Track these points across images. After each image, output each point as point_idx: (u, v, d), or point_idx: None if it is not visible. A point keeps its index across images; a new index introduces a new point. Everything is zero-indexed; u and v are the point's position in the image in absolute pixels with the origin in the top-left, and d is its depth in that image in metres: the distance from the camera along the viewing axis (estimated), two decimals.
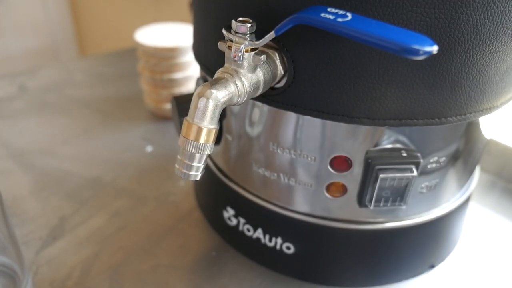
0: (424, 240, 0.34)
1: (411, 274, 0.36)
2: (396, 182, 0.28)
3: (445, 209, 0.34)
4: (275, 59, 0.26)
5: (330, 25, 0.20)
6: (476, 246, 0.40)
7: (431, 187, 0.31)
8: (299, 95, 0.26)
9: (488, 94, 0.26)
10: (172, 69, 0.55)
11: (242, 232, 0.36)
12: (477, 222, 0.43)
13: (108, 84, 0.69)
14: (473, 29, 0.23)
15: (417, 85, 0.25)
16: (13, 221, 0.41)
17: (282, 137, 0.30)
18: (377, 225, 0.32)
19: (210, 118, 0.23)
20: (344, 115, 0.26)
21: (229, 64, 0.24)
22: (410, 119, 0.26)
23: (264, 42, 0.23)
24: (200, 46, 0.33)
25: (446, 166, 0.31)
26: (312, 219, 0.32)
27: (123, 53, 0.80)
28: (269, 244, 0.35)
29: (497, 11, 0.23)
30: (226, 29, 0.24)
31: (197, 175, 0.24)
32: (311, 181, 0.30)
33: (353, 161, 0.29)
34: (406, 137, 0.28)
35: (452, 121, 0.27)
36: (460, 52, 0.24)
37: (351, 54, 0.24)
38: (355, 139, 0.28)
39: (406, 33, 0.19)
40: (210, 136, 0.23)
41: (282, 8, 0.24)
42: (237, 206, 0.36)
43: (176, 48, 0.53)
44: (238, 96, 0.24)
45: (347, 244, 0.33)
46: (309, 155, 0.29)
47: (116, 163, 0.50)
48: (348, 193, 0.30)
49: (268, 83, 0.26)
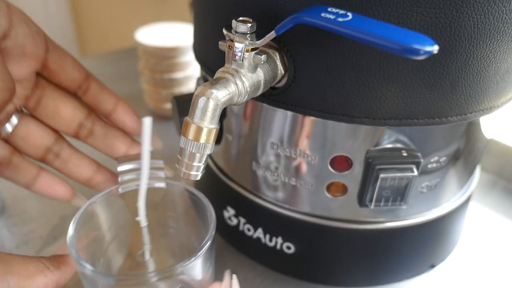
0: (424, 240, 0.34)
1: (412, 274, 0.36)
2: (396, 182, 0.28)
3: (446, 208, 0.34)
4: (275, 59, 0.25)
5: (331, 24, 0.20)
6: (477, 246, 0.40)
7: (432, 187, 0.31)
8: (300, 94, 0.26)
9: (488, 93, 0.26)
10: (172, 69, 0.55)
11: (242, 231, 0.36)
12: (477, 222, 0.43)
13: (108, 83, 0.68)
14: (473, 28, 0.23)
15: (418, 85, 0.25)
16: (13, 220, 0.41)
17: (282, 136, 0.30)
18: (378, 224, 0.32)
19: (211, 118, 0.23)
20: (345, 115, 0.26)
21: (229, 64, 0.24)
22: (410, 119, 0.26)
23: (264, 41, 0.23)
24: (200, 46, 0.33)
25: (447, 166, 0.31)
26: (312, 218, 0.32)
27: (124, 53, 0.80)
28: (270, 243, 0.35)
29: (498, 10, 0.23)
30: (226, 28, 0.24)
31: (198, 175, 0.24)
32: (312, 181, 0.30)
33: (353, 160, 0.29)
34: (407, 137, 0.28)
35: (452, 121, 0.27)
36: (460, 52, 0.24)
37: (351, 54, 0.24)
38: (356, 139, 0.28)
39: (406, 32, 0.19)
40: (210, 136, 0.23)
41: (283, 7, 0.24)
42: (238, 205, 0.36)
43: (176, 47, 0.53)
44: (239, 96, 0.24)
45: (347, 244, 0.33)
46: (310, 154, 0.29)
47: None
48: (349, 193, 0.30)
49: (269, 82, 0.26)
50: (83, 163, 0.31)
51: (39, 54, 0.27)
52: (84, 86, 0.30)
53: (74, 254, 0.24)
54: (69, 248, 0.24)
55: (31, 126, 0.29)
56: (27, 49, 0.26)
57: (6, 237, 0.40)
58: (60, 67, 0.28)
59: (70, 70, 0.29)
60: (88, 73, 0.31)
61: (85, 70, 0.30)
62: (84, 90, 0.30)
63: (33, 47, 0.26)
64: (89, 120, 0.30)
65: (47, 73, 0.28)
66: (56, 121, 0.29)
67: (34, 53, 0.26)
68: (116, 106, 0.32)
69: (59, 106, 0.29)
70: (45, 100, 0.28)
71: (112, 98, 0.31)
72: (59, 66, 0.28)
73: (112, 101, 0.32)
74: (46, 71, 0.28)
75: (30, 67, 0.26)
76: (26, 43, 0.26)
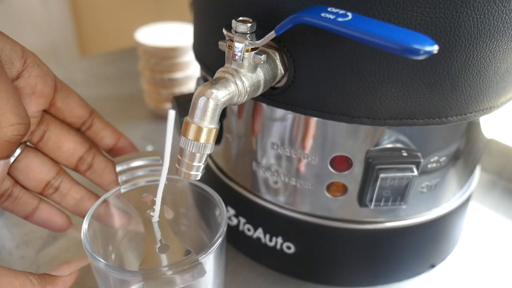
0: (424, 240, 0.34)
1: (412, 273, 0.36)
2: (396, 182, 0.28)
3: (446, 208, 0.34)
4: (275, 59, 0.25)
5: (331, 24, 0.20)
6: (477, 245, 0.40)
7: (432, 187, 0.31)
8: (300, 94, 0.26)
9: (488, 93, 0.26)
10: (172, 69, 0.55)
11: (242, 231, 0.36)
12: (477, 222, 0.43)
13: (108, 83, 0.69)
14: (473, 28, 0.23)
15: (418, 85, 0.25)
16: (13, 220, 0.41)
17: (282, 136, 0.30)
18: (378, 224, 0.32)
19: (211, 118, 0.23)
20: (345, 115, 0.26)
21: (229, 64, 0.24)
22: (410, 119, 0.26)
23: (264, 41, 0.23)
24: (200, 46, 0.33)
25: (447, 166, 0.31)
26: (312, 218, 0.32)
27: (124, 53, 0.80)
28: (270, 243, 0.35)
29: (498, 10, 0.23)
30: (226, 28, 0.24)
31: (198, 175, 0.24)
32: (312, 181, 0.30)
33: (353, 160, 0.29)
34: (407, 137, 0.28)
35: (452, 120, 0.27)
36: (460, 52, 0.24)
37: (351, 54, 0.24)
38: (356, 139, 0.28)
39: (406, 32, 0.19)
40: (210, 136, 0.23)
41: (283, 7, 0.24)
42: (238, 205, 0.36)
43: (176, 47, 0.53)
44: (239, 96, 0.24)
45: (347, 243, 0.33)
46: (310, 154, 0.29)
47: None
48: (349, 193, 0.30)
49: (269, 82, 0.26)
50: (82, 196, 0.31)
51: (48, 93, 0.28)
52: (88, 123, 0.31)
53: (89, 249, 0.25)
54: (83, 243, 0.25)
55: (33, 160, 0.29)
56: (38, 88, 0.27)
57: (6, 237, 0.40)
58: (66, 105, 0.30)
59: (76, 108, 0.30)
60: (92, 110, 0.32)
61: (89, 107, 0.31)
62: (88, 126, 0.32)
63: (43, 87, 0.28)
64: (90, 154, 0.31)
65: (54, 111, 0.30)
66: (57, 154, 0.30)
67: (44, 92, 0.28)
68: (117, 142, 0.33)
69: (61, 140, 0.30)
70: (48, 134, 0.29)
71: (114, 134, 0.33)
72: (66, 104, 0.30)
73: (114, 136, 0.32)
74: (53, 108, 0.29)
75: (39, 105, 0.28)
76: (37, 83, 0.27)
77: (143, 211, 0.28)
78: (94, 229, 0.28)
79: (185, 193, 0.31)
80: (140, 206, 0.29)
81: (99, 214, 0.28)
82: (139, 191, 0.30)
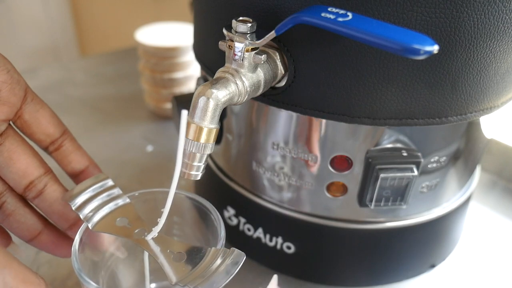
0: (424, 240, 0.34)
1: (412, 273, 0.36)
2: (396, 182, 0.28)
3: (446, 208, 0.34)
4: (275, 59, 0.25)
5: (331, 24, 0.20)
6: (477, 245, 0.40)
7: (432, 187, 0.31)
8: (300, 94, 0.26)
9: (488, 93, 0.26)
10: (172, 69, 0.55)
11: (242, 231, 0.36)
12: (477, 222, 0.43)
13: (108, 83, 0.69)
14: (473, 28, 0.23)
15: (418, 85, 0.25)
16: None
17: (282, 136, 0.30)
18: (378, 224, 0.32)
19: (211, 118, 0.23)
20: (345, 115, 0.26)
21: (229, 64, 0.24)
22: (410, 119, 0.26)
23: (264, 41, 0.23)
24: (200, 46, 0.33)
25: (447, 166, 0.31)
26: (312, 218, 0.32)
27: (124, 53, 0.80)
28: (270, 243, 0.35)
29: (498, 10, 0.23)
30: (226, 28, 0.24)
31: (198, 175, 0.24)
32: (312, 181, 0.30)
33: (353, 160, 0.29)
34: (407, 137, 0.28)
35: (452, 120, 0.27)
36: (460, 52, 0.24)
37: (351, 54, 0.24)
38: (356, 139, 0.28)
39: (406, 32, 0.19)
40: (210, 136, 0.23)
41: (283, 7, 0.24)
42: (238, 205, 0.36)
43: (176, 47, 0.53)
44: (239, 96, 0.24)
45: (347, 243, 0.33)
46: (310, 154, 0.29)
47: (117, 163, 0.50)
48: (349, 193, 0.30)
49: (269, 82, 0.26)
50: (27, 220, 0.28)
51: (14, 102, 0.26)
52: (58, 143, 0.29)
53: (77, 267, 0.24)
54: (73, 263, 0.24)
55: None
56: (2, 95, 0.26)
57: None
58: (35, 120, 0.28)
59: (45, 124, 0.28)
60: (66, 130, 0.29)
61: (62, 126, 0.29)
62: (57, 147, 0.29)
63: (8, 94, 0.26)
64: (42, 181, 0.28)
65: (20, 123, 0.28)
66: (4, 173, 0.27)
67: (9, 101, 0.26)
68: (86, 169, 0.30)
69: (12, 159, 0.27)
70: (0, 148, 0.27)
71: (83, 159, 0.30)
72: (35, 118, 0.28)
73: (83, 162, 0.30)
74: (20, 121, 0.27)
75: (2, 113, 0.26)
76: (2, 89, 0.25)
77: (128, 235, 0.26)
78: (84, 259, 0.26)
79: (179, 204, 0.30)
80: (121, 232, 0.26)
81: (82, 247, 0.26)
82: (109, 220, 0.27)
